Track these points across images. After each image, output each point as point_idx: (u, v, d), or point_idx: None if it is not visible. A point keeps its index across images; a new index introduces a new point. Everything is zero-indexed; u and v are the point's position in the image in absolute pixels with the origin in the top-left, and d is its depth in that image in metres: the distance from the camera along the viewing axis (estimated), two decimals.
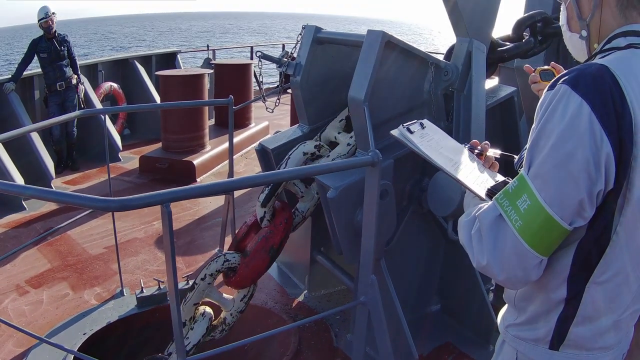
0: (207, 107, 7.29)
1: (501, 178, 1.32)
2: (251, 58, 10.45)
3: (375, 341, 2.42)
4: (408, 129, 1.32)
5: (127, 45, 60.89)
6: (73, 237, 4.37)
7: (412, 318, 2.92)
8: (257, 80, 9.31)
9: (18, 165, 5.15)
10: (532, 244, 1.04)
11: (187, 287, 2.91)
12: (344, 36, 2.92)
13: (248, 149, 7.00)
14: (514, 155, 1.47)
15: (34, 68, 6.39)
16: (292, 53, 3.10)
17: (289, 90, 3.47)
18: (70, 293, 3.50)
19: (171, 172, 5.91)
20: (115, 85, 7.47)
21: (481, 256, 1.09)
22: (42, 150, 5.63)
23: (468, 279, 2.88)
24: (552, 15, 3.05)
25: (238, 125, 7.01)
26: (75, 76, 6.20)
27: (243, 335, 2.09)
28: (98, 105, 6.79)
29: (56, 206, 4.96)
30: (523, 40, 3.04)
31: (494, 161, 1.40)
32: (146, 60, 8.44)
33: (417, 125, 1.34)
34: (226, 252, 2.69)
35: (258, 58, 3.11)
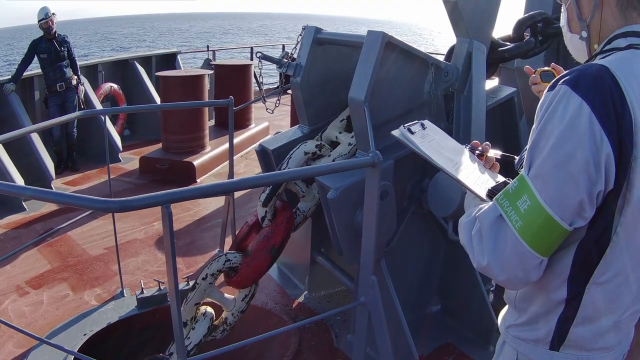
0: (207, 108, 7.29)
1: (502, 179, 1.32)
2: (251, 59, 10.45)
3: (375, 342, 2.42)
4: (409, 130, 1.32)
5: (127, 45, 60.90)
6: (73, 238, 4.37)
7: (413, 318, 2.92)
8: (257, 81, 9.32)
9: (18, 165, 5.15)
10: (533, 245, 1.04)
11: (188, 288, 2.91)
12: (344, 37, 2.92)
13: (248, 150, 7.00)
14: (515, 156, 1.47)
15: (34, 69, 6.39)
16: (292, 54, 3.11)
17: (289, 91, 3.47)
18: (70, 294, 3.50)
19: (171, 173, 5.91)
20: (115, 86, 7.47)
21: (481, 256, 1.09)
22: (42, 151, 5.63)
23: (468, 280, 2.88)
24: (553, 15, 3.05)
25: (238, 126, 7.01)
26: (75, 77, 6.20)
27: (243, 336, 2.08)
28: (98, 105, 6.79)
29: (56, 207, 4.96)
30: (524, 40, 3.04)
31: (495, 162, 1.40)
32: (146, 60, 8.44)
33: (418, 125, 1.34)
34: (227, 252, 2.69)
35: (258, 59, 3.11)
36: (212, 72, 7.79)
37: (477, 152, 1.39)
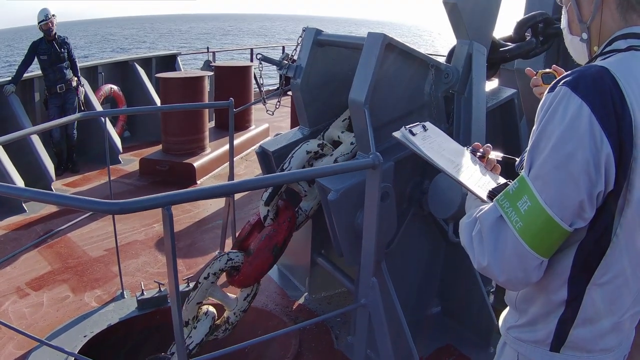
0: (207, 110, 7.30)
1: (503, 180, 1.33)
2: (251, 60, 10.46)
3: (376, 343, 2.41)
4: (410, 131, 1.32)
5: (128, 46, 60.93)
6: (73, 240, 4.37)
7: (413, 320, 2.91)
8: (257, 82, 9.33)
9: (18, 167, 5.15)
10: (533, 245, 1.04)
11: (188, 290, 2.91)
12: (345, 38, 2.92)
13: (248, 151, 7.00)
14: (516, 157, 1.47)
15: (34, 70, 6.39)
16: (293, 55, 3.11)
17: (289, 92, 3.48)
18: (70, 295, 3.50)
19: (171, 175, 5.91)
20: (115, 87, 7.47)
21: (482, 257, 1.10)
22: (42, 152, 5.64)
23: (468, 281, 2.89)
24: (553, 16, 3.05)
25: (238, 127, 7.01)
26: (75, 78, 6.20)
27: (243, 337, 2.08)
28: (98, 107, 6.80)
29: (56, 208, 4.96)
30: (525, 40, 3.04)
31: (496, 164, 1.40)
32: (146, 62, 8.44)
33: (420, 127, 1.35)
34: (229, 251, 2.69)
35: (258, 60, 3.11)
36: (212, 74, 7.79)
37: (479, 154, 1.39)
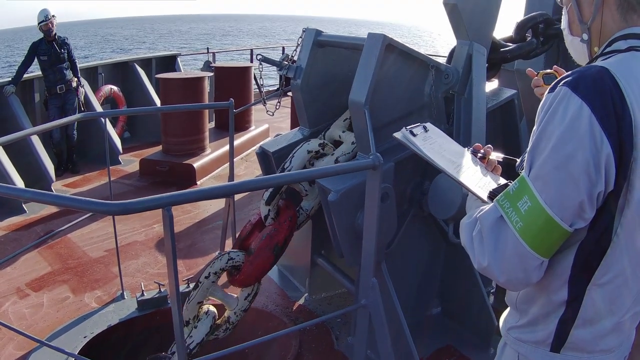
0: (207, 110, 7.30)
1: (503, 181, 1.33)
2: (251, 61, 10.46)
3: (376, 344, 2.41)
4: (411, 132, 1.32)
5: (128, 47, 60.94)
6: (73, 240, 4.37)
7: (413, 321, 2.91)
8: (258, 83, 9.33)
9: (18, 167, 5.15)
10: (533, 246, 1.04)
11: (188, 290, 2.91)
12: (345, 39, 2.92)
13: (248, 152, 7.00)
14: (516, 158, 1.47)
15: (34, 71, 6.39)
16: (293, 56, 3.11)
17: (289, 93, 3.48)
18: (70, 296, 3.50)
19: (171, 175, 5.91)
20: (115, 88, 7.47)
21: (482, 257, 1.10)
22: (42, 152, 5.64)
23: (468, 282, 2.88)
24: (554, 16, 3.05)
25: (238, 128, 7.01)
26: (75, 79, 6.20)
27: (244, 338, 2.08)
28: (98, 108, 6.80)
29: (56, 209, 4.96)
30: (525, 41, 3.04)
31: (497, 165, 1.40)
32: (146, 63, 8.45)
33: (420, 128, 1.35)
34: (230, 251, 2.69)
35: (258, 61, 3.11)
36: (212, 74, 7.80)
37: (479, 155, 1.39)
